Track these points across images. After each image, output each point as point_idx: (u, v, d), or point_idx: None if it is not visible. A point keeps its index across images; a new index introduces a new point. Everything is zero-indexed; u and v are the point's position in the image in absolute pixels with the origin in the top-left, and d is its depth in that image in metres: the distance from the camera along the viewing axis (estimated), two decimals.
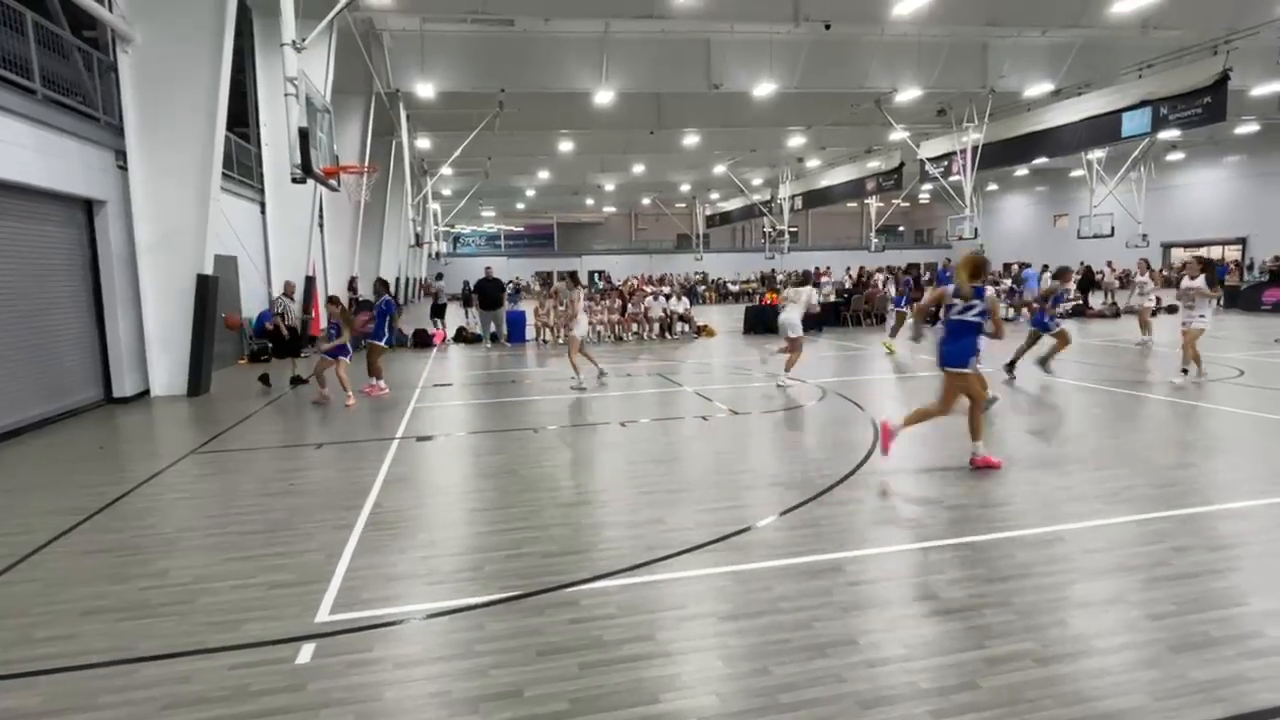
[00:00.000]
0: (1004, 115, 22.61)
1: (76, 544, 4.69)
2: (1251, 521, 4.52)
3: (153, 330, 10.25)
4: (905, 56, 18.99)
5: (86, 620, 3.60)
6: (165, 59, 9.68)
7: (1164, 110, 18.25)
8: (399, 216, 30.04)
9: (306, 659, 3.15)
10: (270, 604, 3.69)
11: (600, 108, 20.84)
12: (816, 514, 4.82)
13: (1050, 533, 4.38)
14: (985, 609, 3.42)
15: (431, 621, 3.49)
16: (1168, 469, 5.70)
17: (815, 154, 32.93)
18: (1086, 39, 18.82)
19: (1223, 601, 3.46)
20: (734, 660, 3.06)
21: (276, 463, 6.62)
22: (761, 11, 15.41)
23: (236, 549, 4.47)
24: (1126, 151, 29.66)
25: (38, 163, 8.40)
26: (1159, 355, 12.26)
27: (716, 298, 39.11)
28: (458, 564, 4.17)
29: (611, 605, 3.58)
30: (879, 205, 41.65)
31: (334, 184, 10.23)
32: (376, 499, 5.39)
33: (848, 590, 3.67)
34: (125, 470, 6.57)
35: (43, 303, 8.81)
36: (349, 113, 18.61)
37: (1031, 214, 48.68)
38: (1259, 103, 22.09)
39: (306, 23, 9.47)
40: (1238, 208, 36.04)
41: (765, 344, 11.78)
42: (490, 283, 16.65)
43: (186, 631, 3.44)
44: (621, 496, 5.37)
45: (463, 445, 7.25)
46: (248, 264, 14.50)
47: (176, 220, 10.12)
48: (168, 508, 5.42)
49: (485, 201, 47.64)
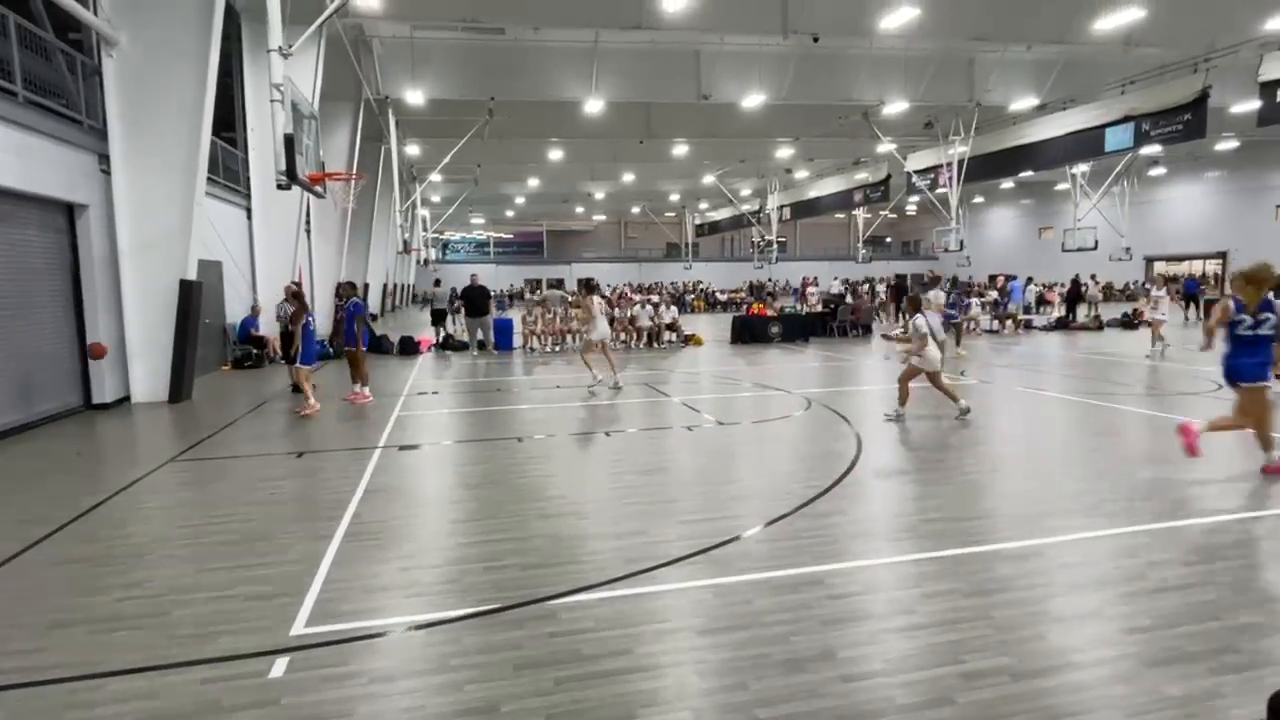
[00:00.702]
0: (990, 129, 22.87)
1: (49, 554, 4.61)
2: (1225, 535, 4.56)
3: (134, 336, 10.13)
4: (893, 70, 19.18)
5: (55, 633, 3.53)
6: (150, 63, 9.61)
7: (1146, 126, 18.52)
8: (387, 223, 29.94)
9: (279, 673, 3.11)
10: (246, 616, 3.64)
11: (590, 117, 20.90)
12: (798, 526, 4.82)
13: (1029, 546, 4.40)
14: (962, 623, 3.43)
15: (408, 635, 3.46)
16: (1143, 482, 5.75)
17: (803, 165, 33.17)
18: (1070, 55, 19.09)
19: (1198, 616, 3.48)
20: (712, 675, 3.05)
21: (257, 471, 6.55)
22: (751, 23, 15.52)
23: (213, 559, 4.41)
24: (1110, 166, 30.06)
25: (17, 166, 8.30)
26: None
27: (705, 306, 39.19)
28: (437, 576, 4.14)
29: (590, 619, 3.56)
30: (866, 216, 42.00)
31: (319, 190, 10.17)
32: (356, 509, 5.34)
33: (828, 604, 3.67)
34: (102, 478, 6.48)
35: (21, 307, 8.69)
36: (338, 118, 18.55)
37: (1017, 227, 49.22)
38: (1238, 120, 22.44)
39: (294, 29, 9.45)
40: (1218, 222, 36.64)
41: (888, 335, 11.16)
42: (477, 290, 16.58)
43: (158, 644, 3.38)
44: (604, 508, 5.35)
45: (446, 455, 7.20)
46: (233, 269, 14.39)
47: (160, 225, 10.02)
48: (144, 517, 5.35)
49: (475, 208, 47.60)
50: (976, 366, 13.05)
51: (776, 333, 18.84)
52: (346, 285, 11.21)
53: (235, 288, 14.65)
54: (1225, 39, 16.67)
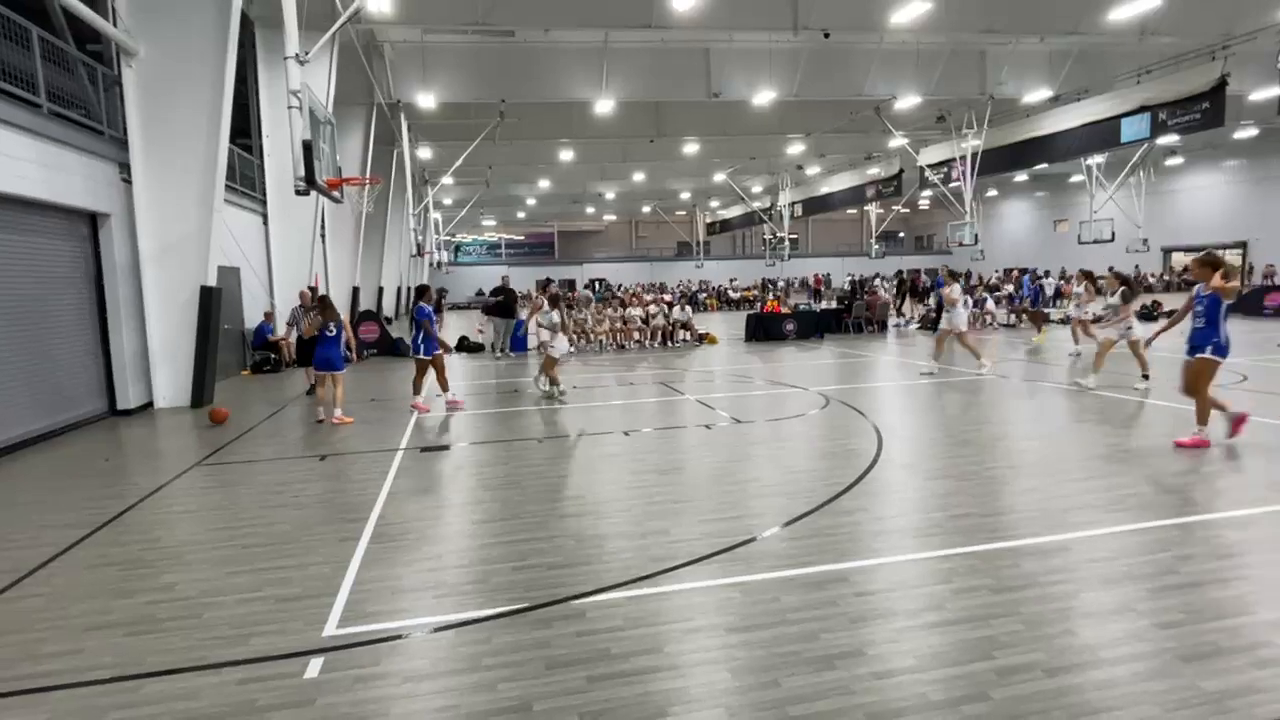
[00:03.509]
0: (1003, 121, 22.69)
1: (82, 558, 4.68)
2: (1256, 529, 4.51)
3: (156, 342, 10.27)
4: (904, 64, 19.08)
5: (92, 635, 3.59)
6: (168, 72, 9.74)
7: (1163, 115, 18.31)
8: (400, 226, 30.12)
9: (314, 674, 3.15)
10: (277, 618, 3.69)
11: (600, 117, 20.94)
12: (821, 524, 4.81)
13: (1055, 541, 4.37)
14: (993, 619, 3.42)
15: (439, 635, 3.49)
16: (1171, 476, 5.69)
17: (815, 161, 33.04)
18: (1084, 45, 18.90)
19: (1230, 611, 3.45)
20: (742, 673, 3.05)
21: (281, 475, 6.62)
22: (761, 20, 15.49)
23: (243, 562, 4.47)
24: (1126, 157, 29.74)
25: (42, 176, 8.44)
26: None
27: (718, 305, 39.14)
28: (464, 576, 4.17)
29: (618, 617, 3.57)
30: (879, 212, 41.77)
31: (337, 195, 10.25)
32: (382, 511, 5.39)
33: (854, 601, 3.66)
34: (130, 483, 6.57)
35: (47, 315, 8.84)
36: (350, 123, 18.69)
37: (1032, 219, 48.75)
38: (1257, 107, 22.15)
39: (309, 35, 9.53)
40: (1238, 212, 36.11)
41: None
42: (507, 292, 16.80)
43: (193, 646, 3.43)
44: (626, 507, 5.36)
45: (467, 456, 7.25)
46: (250, 275, 14.53)
47: (180, 232, 10.16)
48: (173, 521, 5.42)
49: (486, 210, 47.77)
50: (993, 360, 12.96)
51: (791, 330, 18.79)
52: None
53: (253, 293, 14.80)
54: (1242, 26, 16.45)
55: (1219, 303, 6.38)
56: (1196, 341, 6.49)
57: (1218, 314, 6.38)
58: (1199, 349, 6.46)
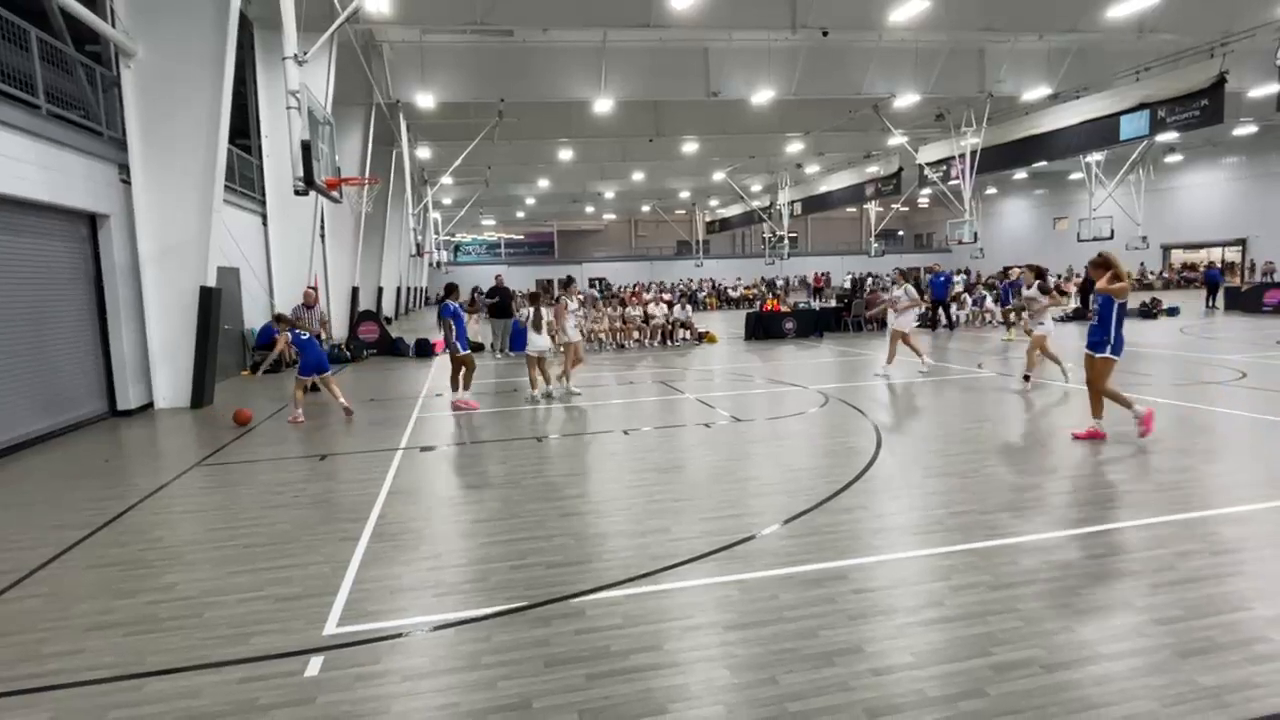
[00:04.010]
0: (1002, 119, 22.71)
1: (82, 558, 4.70)
2: (1254, 526, 4.52)
3: (156, 343, 10.28)
4: (903, 62, 19.09)
5: (93, 635, 3.60)
6: (167, 73, 9.74)
7: (1162, 113, 18.33)
8: (400, 226, 30.13)
9: (315, 672, 3.16)
10: (278, 617, 3.70)
11: (599, 116, 20.95)
12: (820, 521, 4.82)
13: (1052, 538, 4.38)
14: (990, 615, 3.43)
15: (439, 633, 3.50)
16: (1169, 472, 5.71)
17: (814, 160, 33.05)
18: (1083, 43, 18.91)
19: (1227, 606, 3.46)
20: (741, 670, 3.06)
21: (281, 475, 6.63)
22: (759, 19, 15.50)
23: (243, 562, 4.48)
24: (1125, 154, 29.78)
25: (42, 177, 8.45)
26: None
27: (718, 304, 39.15)
28: (463, 575, 4.18)
29: (618, 615, 3.58)
30: (878, 210, 41.80)
31: (336, 196, 10.26)
32: (381, 510, 5.40)
33: (853, 598, 3.67)
34: (131, 484, 6.58)
35: (47, 316, 8.85)
36: (349, 123, 18.70)
37: (1031, 217, 48.76)
38: (1256, 104, 22.14)
39: (307, 36, 9.54)
40: (1237, 209, 36.12)
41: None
42: (503, 291, 16.78)
43: (194, 645, 3.44)
44: (625, 505, 5.37)
45: (467, 455, 7.26)
46: (250, 276, 14.54)
47: (179, 233, 10.16)
48: (174, 521, 5.43)
49: (485, 210, 47.81)
50: (993, 358, 12.97)
51: (791, 328, 18.81)
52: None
53: (252, 294, 14.81)
54: (1241, 22, 16.46)
55: (1112, 303, 6.51)
56: (1092, 340, 6.73)
57: (1110, 314, 6.52)
58: (1096, 347, 6.68)
